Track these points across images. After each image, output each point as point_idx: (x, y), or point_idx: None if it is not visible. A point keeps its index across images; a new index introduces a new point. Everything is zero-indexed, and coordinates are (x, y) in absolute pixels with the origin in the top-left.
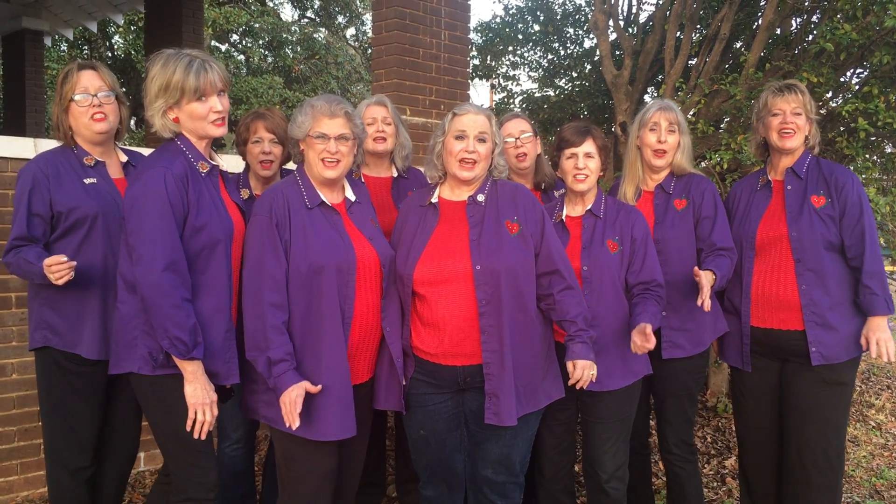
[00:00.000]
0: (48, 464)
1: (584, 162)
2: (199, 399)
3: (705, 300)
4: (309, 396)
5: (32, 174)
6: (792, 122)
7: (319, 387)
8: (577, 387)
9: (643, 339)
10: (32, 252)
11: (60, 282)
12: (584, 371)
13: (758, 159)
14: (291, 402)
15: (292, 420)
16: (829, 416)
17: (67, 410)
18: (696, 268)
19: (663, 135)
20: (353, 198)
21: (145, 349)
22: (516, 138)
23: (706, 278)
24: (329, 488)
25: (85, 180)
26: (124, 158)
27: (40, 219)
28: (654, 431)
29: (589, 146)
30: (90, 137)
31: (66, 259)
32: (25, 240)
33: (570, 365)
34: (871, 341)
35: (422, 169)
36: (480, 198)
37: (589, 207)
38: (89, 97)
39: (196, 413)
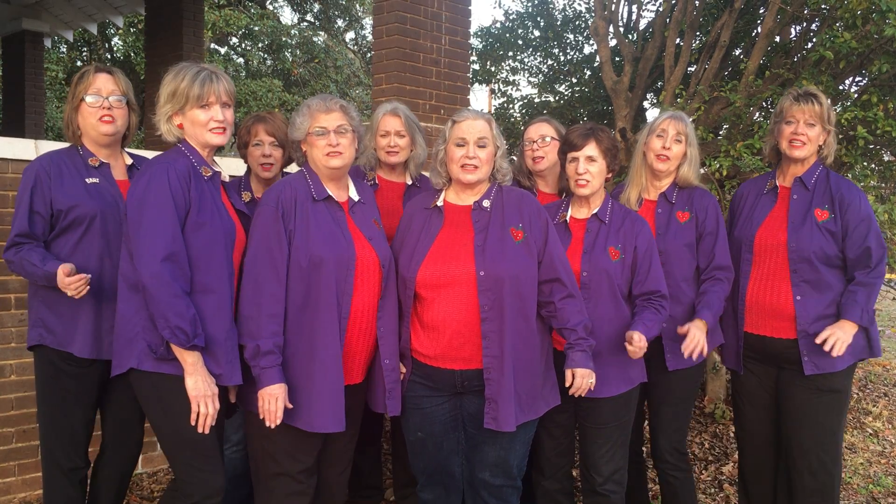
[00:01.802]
0: (44, 464)
1: (584, 166)
2: (201, 391)
3: (694, 349)
4: (300, 387)
5: (35, 172)
6: (803, 133)
7: (290, 406)
8: (575, 395)
9: (629, 343)
10: (36, 253)
11: (78, 295)
12: (583, 380)
13: (771, 162)
14: (273, 399)
15: (273, 418)
16: (823, 421)
17: (61, 410)
18: (679, 328)
19: (669, 142)
20: (356, 197)
21: (146, 344)
22: (534, 141)
23: (699, 330)
24: (309, 485)
25: (87, 180)
26: (130, 161)
27: (40, 217)
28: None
29: (591, 150)
30: (97, 138)
31: (84, 276)
32: (27, 237)
33: (568, 373)
34: (828, 336)
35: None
36: (486, 203)
37: (595, 212)
38: (100, 99)
39: (199, 406)
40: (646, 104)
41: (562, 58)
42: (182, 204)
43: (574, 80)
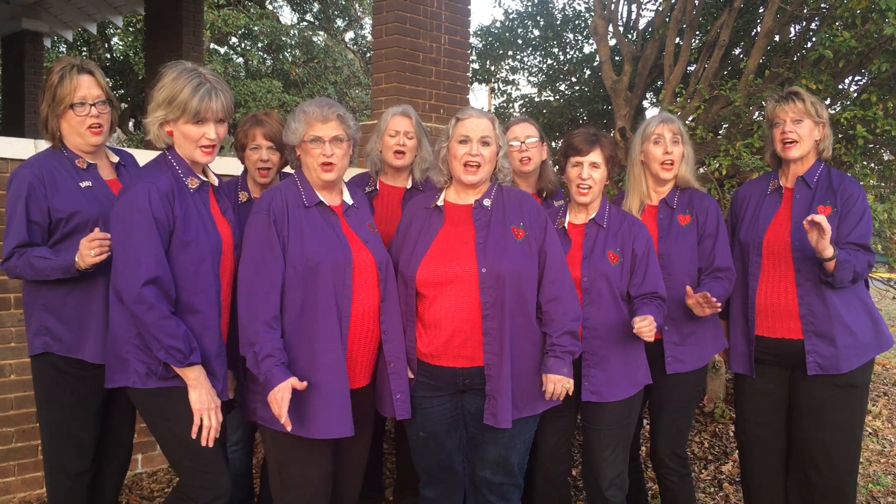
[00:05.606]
0: (48, 469)
1: (588, 172)
2: (205, 404)
3: (698, 300)
4: (303, 394)
5: (28, 181)
6: (791, 131)
7: (305, 383)
8: (547, 398)
9: (640, 322)
10: (43, 250)
11: (101, 258)
12: (555, 385)
13: (772, 167)
14: (278, 401)
15: (281, 419)
16: (840, 417)
17: (69, 415)
18: (688, 287)
19: (669, 146)
20: (350, 201)
21: (139, 364)
22: (521, 142)
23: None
24: (325, 494)
25: (81, 184)
26: (115, 159)
27: (38, 226)
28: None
29: (595, 156)
30: (83, 147)
31: (105, 234)
32: (27, 246)
33: (544, 378)
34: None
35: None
36: (487, 202)
37: (592, 216)
38: (87, 107)
39: (202, 419)
40: (645, 103)
41: (561, 57)
42: (165, 224)
43: (574, 80)
